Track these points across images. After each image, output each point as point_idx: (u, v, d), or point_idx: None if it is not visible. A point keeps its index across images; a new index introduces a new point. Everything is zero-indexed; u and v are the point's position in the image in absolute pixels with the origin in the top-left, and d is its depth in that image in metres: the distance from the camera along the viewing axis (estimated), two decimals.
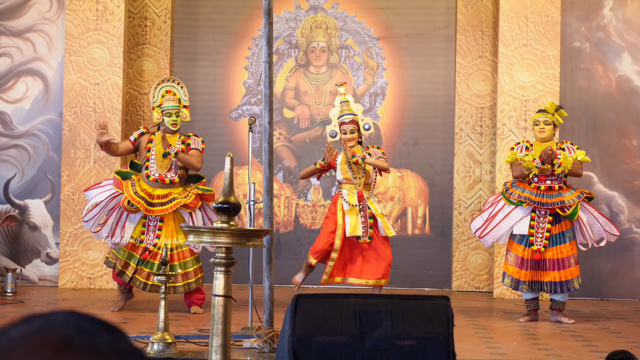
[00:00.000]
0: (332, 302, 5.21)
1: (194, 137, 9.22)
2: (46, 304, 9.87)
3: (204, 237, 4.68)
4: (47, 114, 11.66)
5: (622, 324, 9.05)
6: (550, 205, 8.83)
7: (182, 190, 9.09)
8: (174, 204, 8.97)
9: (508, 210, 9.00)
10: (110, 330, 1.23)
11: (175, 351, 6.53)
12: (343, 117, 9.39)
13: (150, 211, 8.95)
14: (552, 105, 9.01)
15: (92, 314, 1.24)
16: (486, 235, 9.06)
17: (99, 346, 1.19)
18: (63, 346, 1.18)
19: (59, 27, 11.63)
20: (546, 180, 8.89)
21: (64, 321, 1.21)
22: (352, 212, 9.20)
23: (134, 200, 8.91)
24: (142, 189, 9.00)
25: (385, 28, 12.14)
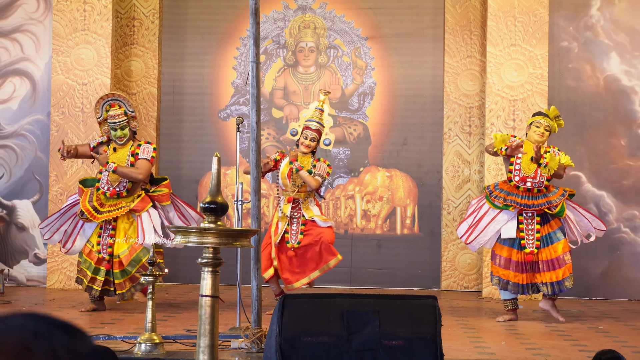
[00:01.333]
0: (319, 302, 5.20)
1: (144, 146, 9.21)
2: (34, 304, 9.83)
3: (191, 237, 4.66)
4: (34, 114, 11.63)
5: (611, 324, 9.06)
6: (536, 206, 8.82)
7: (132, 198, 9.15)
8: (122, 210, 9.08)
9: (493, 214, 8.98)
10: (70, 332, 1.20)
11: (163, 352, 6.51)
12: (310, 122, 9.33)
13: (97, 218, 9.05)
14: (555, 111, 9.00)
15: (52, 316, 1.21)
16: (473, 241, 9.03)
17: (57, 351, 1.16)
18: (19, 352, 1.15)
19: (47, 28, 11.60)
20: (527, 182, 8.87)
21: (21, 325, 1.18)
22: (283, 220, 9.20)
23: (84, 209, 9.05)
24: (97, 198, 9.12)
25: (374, 28, 12.14)
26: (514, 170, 8.94)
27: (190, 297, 10.31)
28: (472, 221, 9.06)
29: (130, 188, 9.15)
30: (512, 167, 8.97)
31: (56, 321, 1.20)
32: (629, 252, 11.38)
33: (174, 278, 11.27)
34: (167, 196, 9.20)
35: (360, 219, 12.01)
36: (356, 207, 12.02)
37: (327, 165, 9.31)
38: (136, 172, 9.05)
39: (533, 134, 8.94)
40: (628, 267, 11.38)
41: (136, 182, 9.15)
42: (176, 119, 12.16)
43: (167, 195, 9.20)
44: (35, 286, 11.43)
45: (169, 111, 12.19)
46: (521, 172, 8.91)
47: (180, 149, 12.16)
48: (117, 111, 9.07)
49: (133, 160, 9.11)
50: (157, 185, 9.31)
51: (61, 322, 1.20)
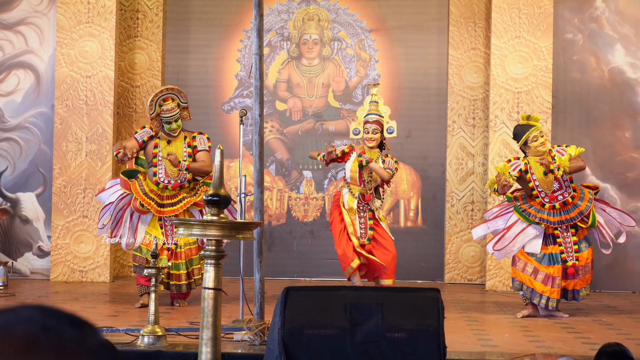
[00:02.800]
0: (322, 294, 5.19)
1: (199, 137, 9.17)
2: (37, 297, 9.84)
3: (193, 230, 4.66)
4: (38, 106, 11.63)
5: (615, 316, 9.05)
6: (570, 220, 8.69)
7: (191, 188, 9.09)
8: (183, 203, 8.99)
9: (523, 226, 8.77)
10: (79, 326, 1.19)
11: (166, 344, 6.51)
12: (368, 116, 9.31)
13: (160, 212, 8.95)
14: (524, 117, 8.85)
15: (61, 309, 1.20)
16: (502, 249, 8.82)
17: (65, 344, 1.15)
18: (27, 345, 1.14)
19: (51, 20, 11.60)
20: (558, 197, 8.76)
21: (29, 318, 1.17)
22: (351, 213, 9.14)
23: (144, 202, 8.91)
24: (150, 189, 9.00)
25: (378, 20, 12.12)
26: (539, 194, 8.77)
27: (193, 291, 10.30)
28: (496, 227, 8.88)
29: (191, 179, 9.11)
30: (534, 192, 8.82)
31: (65, 314, 1.19)
32: (634, 245, 11.36)
33: None
34: None
35: None
36: None
37: (395, 162, 9.31)
38: (205, 165, 9.01)
39: (537, 149, 8.75)
40: (633, 260, 11.36)
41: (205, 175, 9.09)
42: None
43: None
44: (39, 279, 11.43)
45: None
46: (546, 191, 8.78)
47: None
48: (171, 105, 9.02)
49: (190, 151, 9.07)
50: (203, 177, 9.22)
51: (70, 316, 1.19)
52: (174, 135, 9.09)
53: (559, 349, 6.85)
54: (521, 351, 6.69)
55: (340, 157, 9.25)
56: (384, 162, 9.21)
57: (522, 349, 6.79)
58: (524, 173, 8.77)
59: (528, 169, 8.77)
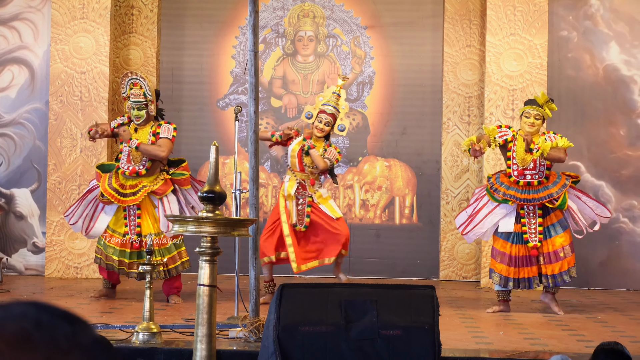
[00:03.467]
0: (317, 291, 5.20)
1: (165, 125, 9.22)
2: (32, 293, 9.83)
3: (189, 227, 4.66)
4: (33, 102, 11.61)
5: (609, 314, 9.06)
6: (537, 200, 8.71)
7: (154, 178, 9.15)
8: (142, 192, 9.09)
9: (491, 207, 8.85)
10: (72, 322, 1.18)
11: (161, 341, 6.51)
12: (326, 106, 9.26)
13: (122, 202, 9.07)
14: (544, 97, 8.79)
15: (55, 305, 1.20)
16: (470, 232, 8.92)
17: (58, 340, 1.15)
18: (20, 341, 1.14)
19: (45, 16, 11.58)
20: (526, 175, 8.79)
21: (23, 314, 1.17)
22: (289, 199, 9.15)
23: (106, 193, 9.06)
24: (117, 180, 9.12)
25: (373, 17, 12.12)
26: (512, 165, 8.86)
27: (188, 287, 10.30)
28: (472, 212, 9.00)
29: (149, 167, 9.13)
30: (509, 162, 8.89)
31: (59, 311, 1.19)
32: (628, 242, 11.38)
33: None
34: (187, 180, 9.19)
35: (359, 208, 12.01)
36: (355, 196, 12.01)
37: (338, 153, 9.26)
38: (159, 149, 9.05)
39: (524, 125, 8.79)
40: (627, 257, 11.38)
41: (157, 161, 9.14)
42: (175, 108, 12.13)
43: (187, 179, 9.20)
44: (33, 275, 11.42)
45: (168, 100, 12.14)
46: (518, 166, 8.81)
47: (178, 138, 12.06)
48: (137, 91, 9.08)
49: (154, 139, 9.12)
50: (176, 167, 9.30)
51: (64, 312, 1.19)
52: (137, 123, 9.16)
53: (553, 347, 6.85)
54: (516, 349, 6.70)
55: (283, 141, 9.24)
56: (325, 151, 9.15)
57: (516, 347, 6.80)
58: (507, 143, 8.82)
59: (513, 140, 8.80)
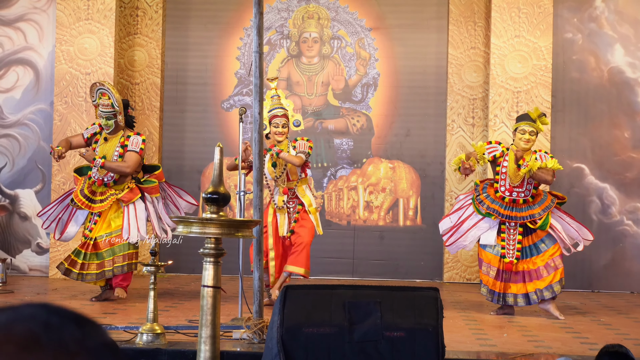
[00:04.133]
0: (321, 293, 5.19)
1: (133, 137, 9.24)
2: (36, 294, 9.84)
3: (193, 228, 4.66)
4: (37, 103, 11.63)
5: (613, 316, 9.06)
6: (519, 219, 8.66)
7: (124, 186, 9.22)
8: (110, 200, 9.15)
9: (476, 219, 8.82)
10: (82, 324, 1.18)
11: (165, 342, 6.51)
12: (275, 111, 9.12)
13: (91, 208, 9.17)
14: (537, 111, 8.71)
15: (65, 307, 1.20)
16: (453, 244, 8.91)
17: (67, 343, 1.15)
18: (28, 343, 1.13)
19: (50, 17, 11.59)
20: (513, 192, 8.74)
21: (31, 316, 1.17)
22: (281, 212, 9.11)
23: (76, 199, 9.17)
24: (89, 186, 9.21)
25: (378, 19, 12.12)
26: (500, 180, 8.82)
27: (192, 288, 10.31)
28: (456, 221, 8.95)
29: (117, 178, 9.19)
30: (498, 177, 8.84)
31: (69, 313, 1.19)
32: (632, 245, 11.37)
33: (176, 268, 11.24)
34: (156, 188, 9.25)
35: (363, 210, 12.00)
36: (359, 198, 12.01)
37: (307, 141, 9.16)
38: (124, 165, 9.13)
39: (519, 142, 8.70)
40: (631, 260, 11.37)
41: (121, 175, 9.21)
42: (179, 109, 12.15)
43: (156, 188, 9.25)
44: (37, 276, 11.43)
45: (172, 101, 12.18)
46: (507, 182, 8.78)
47: (183, 139, 12.15)
48: (106, 101, 9.11)
49: (122, 151, 9.17)
50: (150, 173, 9.35)
51: (74, 314, 1.19)
52: (107, 132, 9.21)
53: (557, 349, 6.85)
54: (519, 351, 6.69)
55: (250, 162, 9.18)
56: (294, 148, 9.08)
57: (520, 349, 6.79)
58: (497, 159, 8.80)
59: (503, 156, 8.77)
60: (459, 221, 8.90)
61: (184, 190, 9.57)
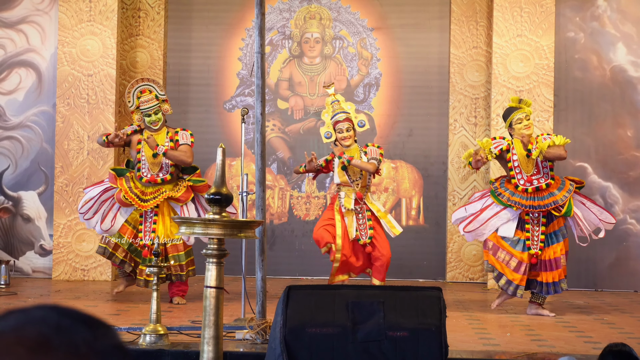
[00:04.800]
0: (324, 293, 5.20)
1: (182, 132, 9.22)
2: (40, 295, 9.84)
3: (195, 229, 4.67)
4: (40, 105, 11.63)
5: (617, 315, 9.05)
6: (543, 207, 8.63)
7: (174, 185, 9.14)
8: (162, 196, 9.07)
9: (497, 209, 8.77)
10: (93, 326, 1.18)
11: (168, 342, 6.51)
12: (337, 116, 9.10)
13: (143, 206, 9.07)
14: (515, 99, 8.76)
15: (76, 309, 1.20)
16: (473, 232, 8.85)
17: (77, 345, 1.15)
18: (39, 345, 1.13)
19: (52, 19, 11.60)
20: (533, 181, 8.73)
21: (42, 318, 1.16)
22: (349, 215, 9.07)
23: (127, 196, 9.04)
24: (136, 186, 9.12)
25: (380, 19, 12.12)
26: (515, 175, 8.79)
27: (195, 289, 10.31)
28: (474, 210, 8.94)
29: (168, 177, 9.12)
30: (512, 172, 8.82)
31: (81, 315, 1.19)
32: (636, 244, 11.36)
33: None
34: (207, 186, 9.14)
35: None
36: None
37: (378, 147, 9.19)
38: (185, 155, 9.08)
39: (521, 131, 8.70)
40: (635, 259, 11.36)
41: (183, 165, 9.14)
42: (181, 110, 12.15)
43: (206, 186, 9.15)
44: (40, 277, 11.44)
45: (175, 102, 12.16)
46: (523, 174, 8.76)
47: None
48: (148, 96, 9.08)
49: (173, 145, 9.11)
50: (190, 174, 9.28)
51: (86, 316, 1.19)
52: (155, 128, 9.17)
53: (560, 348, 6.84)
54: (523, 350, 6.69)
55: (325, 167, 9.17)
56: (366, 154, 9.08)
57: (523, 348, 6.79)
58: (505, 152, 8.78)
59: (510, 149, 8.76)
60: (476, 210, 8.87)
61: None
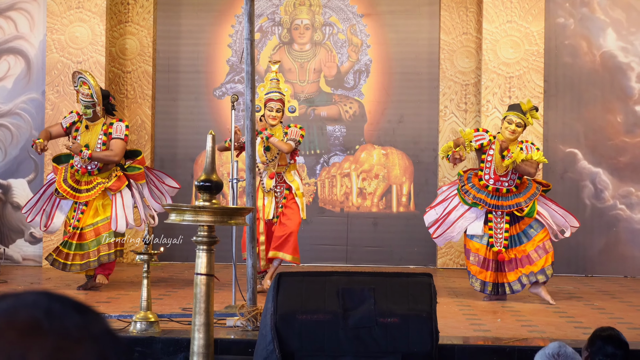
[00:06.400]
0: (314, 280, 5.20)
1: (117, 124, 9.18)
2: (30, 283, 9.83)
3: (185, 216, 4.66)
4: (29, 92, 11.59)
5: (607, 301, 9.07)
6: (505, 207, 8.67)
7: (108, 174, 9.15)
8: (97, 189, 9.10)
9: (462, 210, 8.82)
10: (83, 312, 1.19)
11: (158, 330, 6.51)
12: (272, 94, 9.17)
13: (76, 197, 9.09)
14: (529, 104, 8.69)
15: (66, 295, 1.20)
16: (440, 237, 8.91)
17: (69, 329, 1.15)
18: (30, 329, 1.14)
19: (41, 6, 11.55)
20: (496, 182, 8.73)
21: (34, 303, 1.17)
22: (269, 195, 9.11)
23: (60, 189, 9.07)
24: (72, 175, 9.13)
25: (369, 5, 12.09)
26: (485, 168, 8.81)
27: (185, 276, 10.31)
28: (442, 213, 8.95)
29: (101, 166, 9.14)
30: (483, 165, 8.84)
31: (70, 300, 1.19)
32: (625, 229, 11.39)
33: (169, 256, 11.24)
34: (142, 175, 9.20)
35: (356, 197, 12.00)
36: (352, 185, 12.01)
37: (300, 128, 9.19)
38: (111, 154, 9.07)
39: (504, 131, 8.72)
40: (624, 244, 11.38)
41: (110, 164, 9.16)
42: (171, 97, 12.12)
43: (142, 174, 9.20)
44: (31, 265, 11.42)
45: (164, 89, 12.16)
46: (492, 171, 8.77)
47: (175, 128, 12.13)
48: (86, 90, 9.05)
49: (105, 139, 9.11)
50: (133, 159, 9.27)
51: (75, 302, 1.19)
52: (86, 118, 9.15)
53: (551, 334, 6.86)
54: (513, 336, 6.70)
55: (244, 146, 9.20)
56: (286, 135, 9.10)
57: (514, 334, 6.80)
58: (483, 147, 8.79)
59: (490, 144, 8.77)
60: (444, 213, 8.90)
61: (166, 174, 9.51)
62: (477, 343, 6.59)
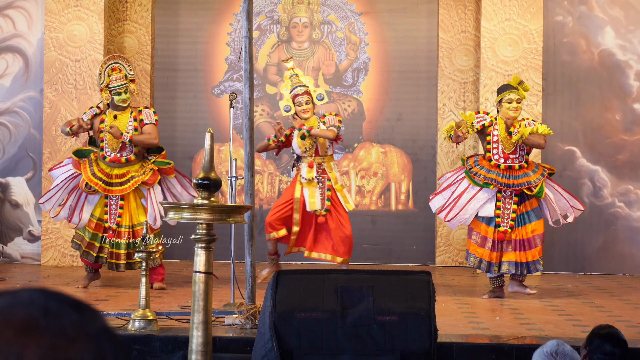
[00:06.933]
0: (313, 277, 5.20)
1: (145, 111, 9.17)
2: (28, 281, 9.83)
3: (184, 214, 4.65)
4: (27, 91, 11.59)
5: (605, 298, 9.08)
6: (517, 186, 8.70)
7: (140, 166, 9.09)
8: (132, 182, 9.02)
9: (473, 191, 8.82)
10: (80, 310, 1.18)
11: (157, 328, 6.52)
12: (296, 89, 9.25)
13: (109, 191, 9.00)
14: (516, 79, 8.84)
15: (63, 292, 1.19)
16: (453, 219, 8.89)
17: (65, 328, 1.15)
18: (27, 327, 1.13)
19: (39, 4, 11.54)
20: (507, 160, 8.79)
21: (30, 300, 1.16)
22: (310, 185, 9.16)
23: (92, 182, 8.95)
24: (99, 169, 9.03)
25: (368, 3, 12.09)
26: (492, 149, 8.84)
27: (184, 274, 10.31)
28: (450, 196, 8.96)
29: (132, 157, 9.06)
30: (489, 146, 8.87)
31: (68, 298, 1.19)
32: (624, 227, 11.39)
33: (168, 255, 11.23)
34: (172, 169, 9.14)
35: (355, 195, 12.00)
36: (351, 183, 12.01)
37: (335, 115, 9.34)
38: (151, 137, 9.04)
39: (507, 111, 8.76)
40: (623, 242, 11.38)
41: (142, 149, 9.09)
42: (170, 96, 12.12)
43: (172, 168, 9.15)
44: (29, 263, 11.42)
45: (163, 87, 12.15)
46: (500, 150, 8.81)
47: (174, 126, 12.12)
48: (118, 74, 9.04)
49: (137, 125, 9.07)
50: (155, 155, 9.23)
51: (72, 300, 1.19)
52: (124, 106, 9.11)
53: (549, 332, 6.86)
54: (512, 334, 6.70)
55: (285, 143, 9.27)
56: (324, 124, 9.20)
57: (512, 332, 6.81)
58: (486, 128, 8.81)
59: (492, 125, 8.80)
60: (453, 197, 8.90)
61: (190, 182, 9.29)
62: (476, 341, 6.60)
